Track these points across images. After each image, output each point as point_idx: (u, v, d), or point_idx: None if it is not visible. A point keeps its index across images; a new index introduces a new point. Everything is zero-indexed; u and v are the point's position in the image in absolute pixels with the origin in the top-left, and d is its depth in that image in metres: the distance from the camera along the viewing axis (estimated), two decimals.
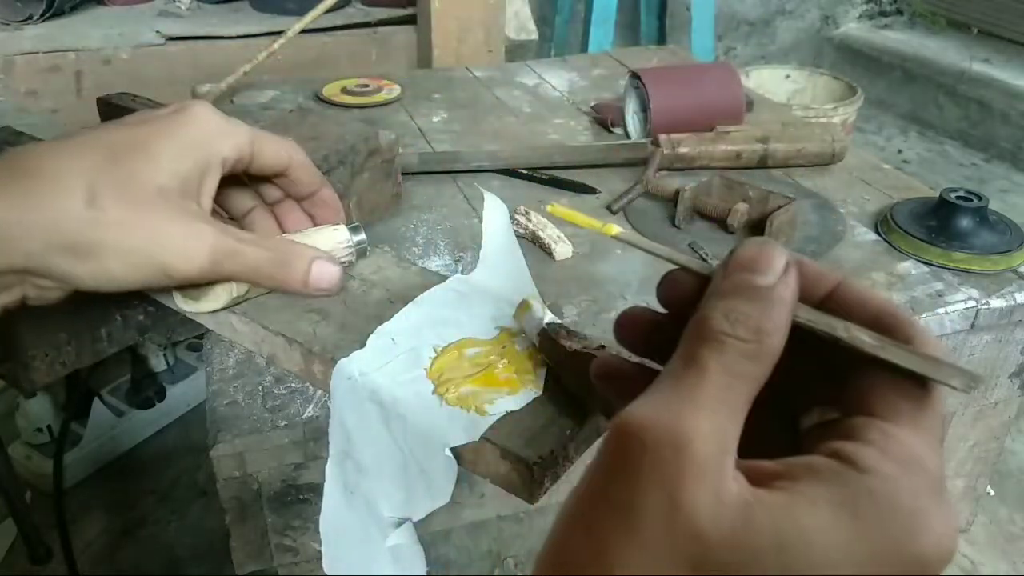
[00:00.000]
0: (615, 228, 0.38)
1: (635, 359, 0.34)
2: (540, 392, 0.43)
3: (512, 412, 0.42)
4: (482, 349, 0.46)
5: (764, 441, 0.27)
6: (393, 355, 0.45)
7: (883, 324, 0.27)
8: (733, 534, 0.22)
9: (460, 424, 0.42)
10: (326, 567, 0.45)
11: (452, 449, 0.41)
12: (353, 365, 0.45)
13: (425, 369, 0.45)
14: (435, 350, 0.46)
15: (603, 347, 0.42)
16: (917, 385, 0.26)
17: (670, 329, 0.30)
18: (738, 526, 0.22)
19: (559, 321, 0.44)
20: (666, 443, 0.23)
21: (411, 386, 0.43)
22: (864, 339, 0.27)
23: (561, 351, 0.43)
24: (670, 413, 0.24)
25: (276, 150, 0.48)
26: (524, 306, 0.46)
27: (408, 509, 0.44)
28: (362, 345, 0.45)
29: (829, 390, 0.28)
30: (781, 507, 0.23)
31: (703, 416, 0.24)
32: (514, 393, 0.43)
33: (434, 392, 0.43)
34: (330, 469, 0.46)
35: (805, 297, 0.28)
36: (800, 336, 0.27)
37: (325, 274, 0.47)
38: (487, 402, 0.42)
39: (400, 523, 0.44)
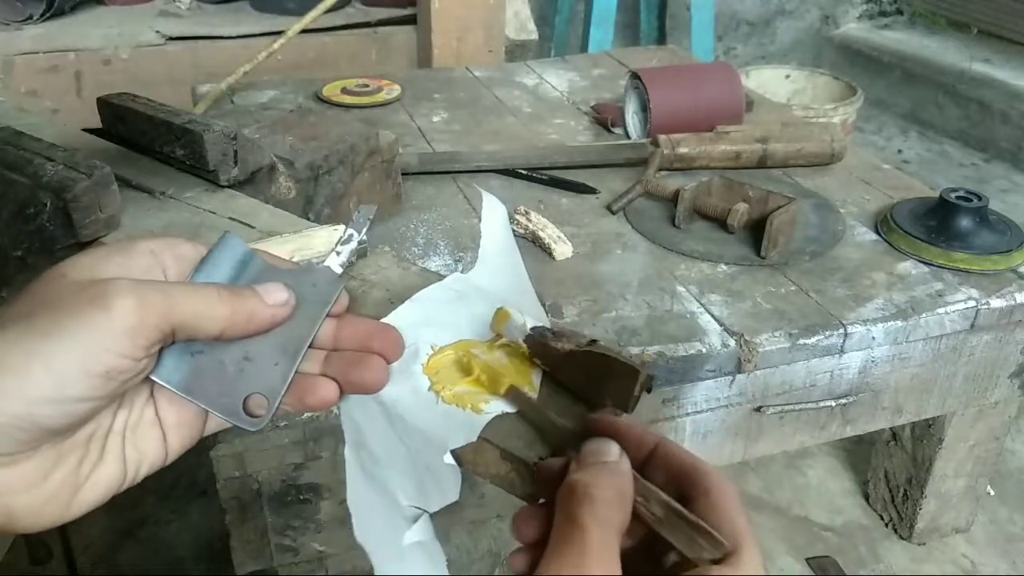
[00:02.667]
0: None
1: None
2: (535, 394, 0.43)
3: (510, 413, 0.42)
4: (478, 349, 0.46)
5: None
6: None
7: (687, 477, 0.37)
8: None
9: (458, 424, 0.42)
10: (357, 536, 0.46)
11: (452, 451, 0.41)
12: None
13: (422, 365, 0.45)
14: (432, 347, 0.46)
15: (594, 341, 0.42)
16: (733, 533, 0.35)
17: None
18: None
19: (542, 324, 0.44)
20: None
21: (408, 382, 0.44)
22: (654, 513, 0.35)
23: (554, 353, 0.43)
24: (567, 567, 0.32)
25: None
26: (501, 315, 0.45)
27: (422, 501, 0.44)
28: None
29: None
30: None
31: (592, 562, 0.32)
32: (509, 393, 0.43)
33: (430, 389, 0.43)
34: (348, 453, 0.46)
35: (634, 455, 0.38)
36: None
37: (272, 288, 0.41)
38: (483, 401, 0.42)
39: (417, 515, 0.45)
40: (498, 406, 0.43)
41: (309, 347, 0.42)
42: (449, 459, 0.41)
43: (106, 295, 0.36)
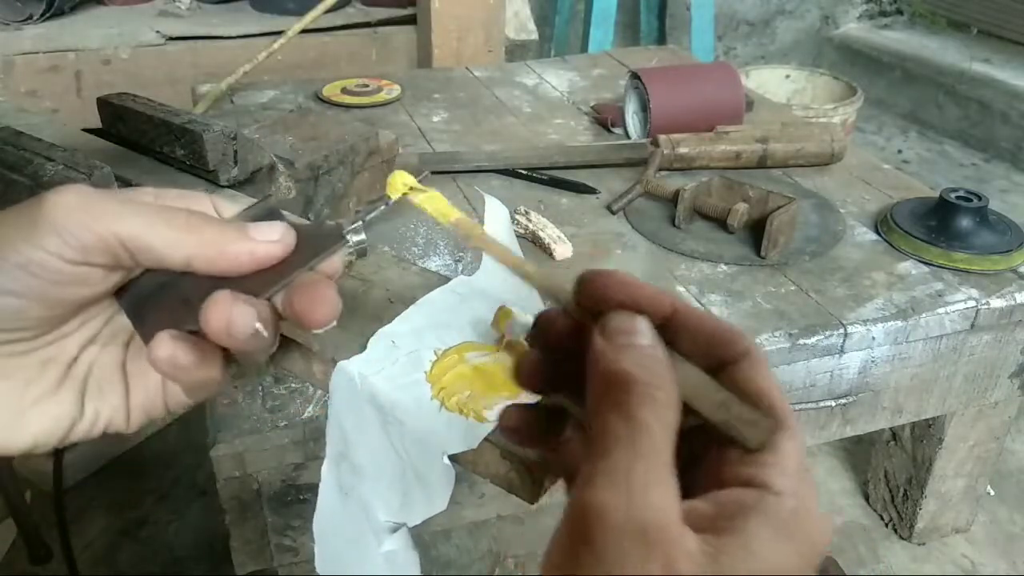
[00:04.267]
0: (456, 214, 0.36)
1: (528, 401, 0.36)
2: (539, 396, 0.43)
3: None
4: (482, 353, 0.46)
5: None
6: (393, 358, 0.45)
7: (718, 342, 0.31)
8: None
9: (459, 430, 0.42)
10: (318, 567, 0.45)
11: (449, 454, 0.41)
12: (353, 367, 0.45)
13: (425, 372, 0.44)
14: (435, 353, 0.45)
15: None
16: (775, 402, 0.30)
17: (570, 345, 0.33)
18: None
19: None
20: (631, 529, 0.25)
21: (410, 390, 0.43)
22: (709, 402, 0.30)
23: None
24: (627, 494, 0.26)
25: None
26: (503, 314, 0.45)
27: (404, 514, 0.44)
28: (362, 346, 0.45)
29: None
30: (739, 549, 0.26)
31: (658, 487, 0.26)
32: (513, 397, 0.43)
33: (433, 397, 0.43)
34: (326, 470, 0.46)
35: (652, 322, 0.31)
36: None
37: (268, 226, 0.36)
38: (486, 407, 0.42)
39: (396, 528, 0.44)
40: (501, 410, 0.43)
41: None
42: (446, 465, 0.41)
43: (48, 195, 0.33)
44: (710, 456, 0.30)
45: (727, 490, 0.28)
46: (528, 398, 0.43)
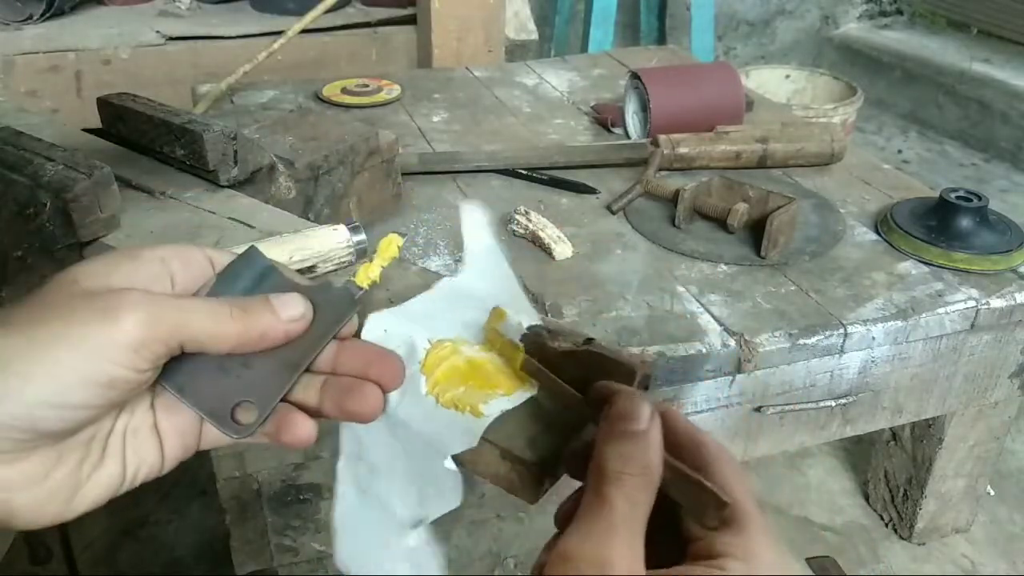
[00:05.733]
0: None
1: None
2: (535, 392, 0.43)
3: (511, 413, 0.42)
4: (476, 348, 0.46)
5: (657, 552, 0.35)
6: (387, 347, 0.45)
7: (688, 449, 0.37)
8: None
9: (458, 429, 0.42)
10: (340, 565, 0.45)
11: (452, 456, 0.41)
12: None
13: (420, 363, 0.44)
14: (430, 342, 0.45)
15: (591, 339, 0.42)
16: (735, 504, 0.35)
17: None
18: None
19: (537, 323, 0.44)
20: (592, 565, 0.32)
21: (407, 385, 0.43)
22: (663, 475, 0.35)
23: (551, 353, 0.42)
24: (591, 542, 0.33)
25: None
26: (496, 315, 0.45)
27: (422, 509, 0.44)
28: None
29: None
30: None
31: (617, 541, 0.33)
32: (509, 393, 0.43)
33: (428, 392, 0.43)
34: (342, 468, 0.46)
35: None
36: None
37: (290, 301, 0.41)
38: (481, 402, 0.42)
39: (416, 523, 0.44)
40: (497, 406, 0.42)
41: (307, 368, 0.42)
42: (450, 464, 0.41)
43: (117, 308, 0.37)
44: (686, 533, 0.36)
45: (689, 564, 0.34)
46: (526, 393, 0.43)
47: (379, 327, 0.47)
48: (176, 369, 0.40)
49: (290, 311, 0.41)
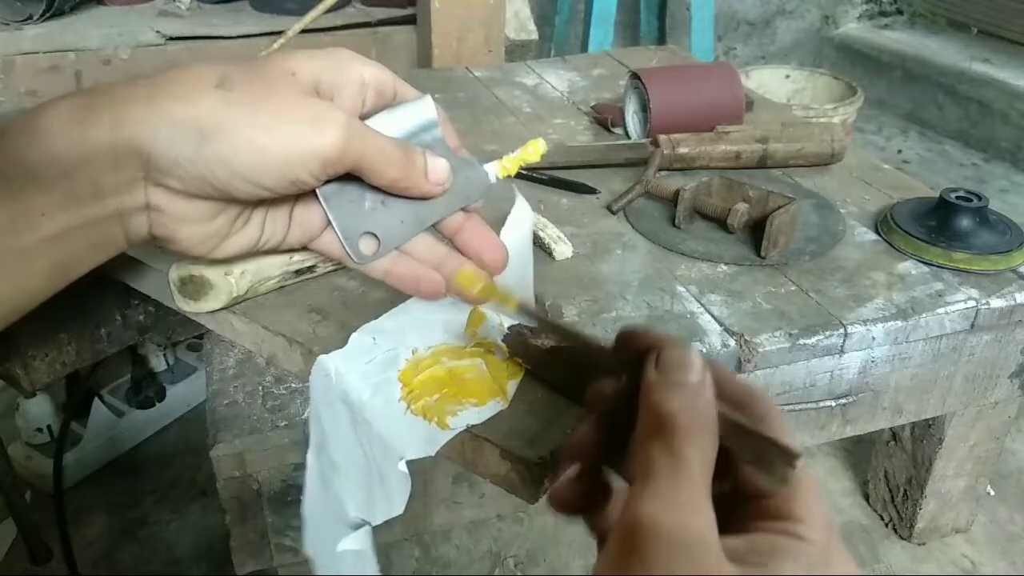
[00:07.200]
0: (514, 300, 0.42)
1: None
2: (506, 405, 0.43)
3: (510, 413, 0.42)
4: (458, 358, 0.46)
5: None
6: (371, 355, 0.45)
7: (740, 402, 0.35)
8: None
9: (420, 436, 0.42)
10: (306, 547, 0.46)
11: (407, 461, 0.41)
12: (331, 363, 0.45)
13: (399, 371, 0.45)
14: (413, 352, 0.46)
15: (577, 334, 0.42)
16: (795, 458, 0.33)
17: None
18: None
19: (518, 323, 0.44)
20: (676, 540, 0.28)
21: (381, 389, 0.44)
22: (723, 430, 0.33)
23: (536, 351, 0.42)
24: (673, 510, 0.29)
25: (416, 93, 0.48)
26: (476, 317, 0.46)
27: (368, 513, 0.44)
28: (346, 340, 0.45)
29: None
30: None
31: (700, 511, 0.29)
32: (480, 405, 0.43)
33: (401, 399, 0.44)
34: (310, 458, 0.47)
35: None
36: None
37: (440, 166, 0.46)
38: (451, 414, 0.42)
39: (359, 525, 0.45)
40: (465, 418, 0.42)
41: (434, 226, 0.47)
42: (403, 467, 0.41)
43: (325, 123, 0.42)
44: (741, 500, 0.34)
45: (761, 533, 0.32)
46: (498, 405, 0.43)
47: (369, 335, 0.47)
48: (329, 181, 0.45)
49: (438, 175, 0.45)
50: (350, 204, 0.46)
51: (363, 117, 0.46)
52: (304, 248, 0.51)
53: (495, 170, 0.47)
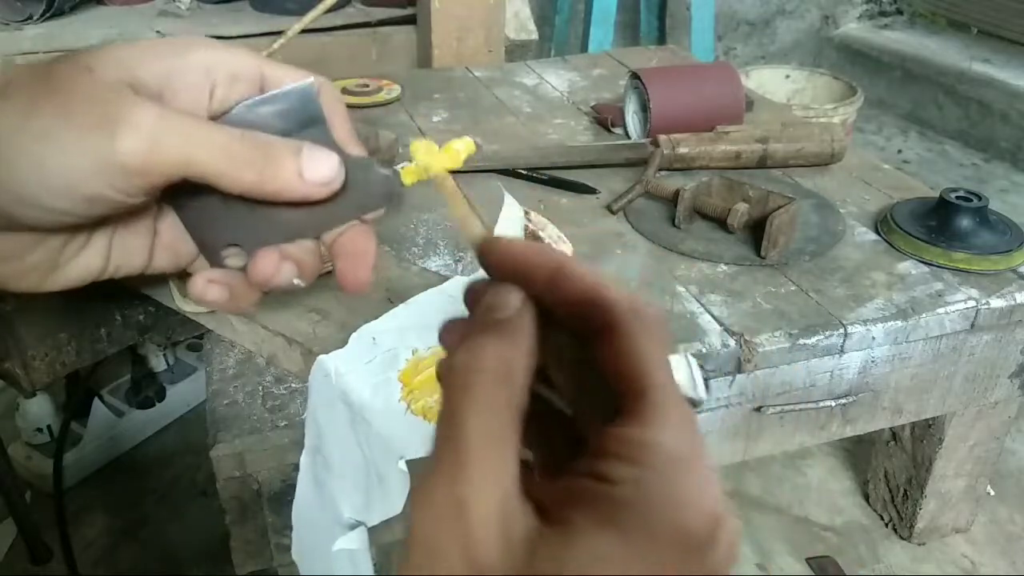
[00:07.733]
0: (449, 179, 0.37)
1: None
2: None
3: None
4: None
5: (565, 455, 0.28)
6: (371, 356, 0.45)
7: (585, 310, 0.28)
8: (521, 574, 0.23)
9: (420, 436, 0.42)
10: (294, 552, 0.46)
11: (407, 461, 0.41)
12: (331, 363, 0.45)
13: (399, 371, 0.45)
14: (413, 352, 0.46)
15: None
16: (633, 381, 0.26)
17: None
18: (524, 567, 0.23)
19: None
20: (446, 509, 0.23)
21: (381, 389, 0.44)
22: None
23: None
24: (441, 479, 0.24)
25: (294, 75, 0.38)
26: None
27: (365, 514, 0.44)
28: (346, 340, 0.46)
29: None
30: (558, 543, 0.23)
31: (473, 472, 0.24)
32: None
33: (401, 399, 0.44)
34: (304, 460, 0.47)
35: (535, 288, 0.29)
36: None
37: (320, 163, 0.36)
38: None
39: (355, 526, 0.45)
40: None
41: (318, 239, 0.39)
42: (402, 466, 0.41)
43: (117, 121, 0.32)
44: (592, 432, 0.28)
45: (564, 481, 0.25)
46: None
47: (369, 335, 0.47)
48: (184, 189, 0.36)
49: (318, 174, 0.35)
50: (209, 212, 0.37)
51: (224, 112, 0.37)
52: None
53: (399, 174, 0.38)
